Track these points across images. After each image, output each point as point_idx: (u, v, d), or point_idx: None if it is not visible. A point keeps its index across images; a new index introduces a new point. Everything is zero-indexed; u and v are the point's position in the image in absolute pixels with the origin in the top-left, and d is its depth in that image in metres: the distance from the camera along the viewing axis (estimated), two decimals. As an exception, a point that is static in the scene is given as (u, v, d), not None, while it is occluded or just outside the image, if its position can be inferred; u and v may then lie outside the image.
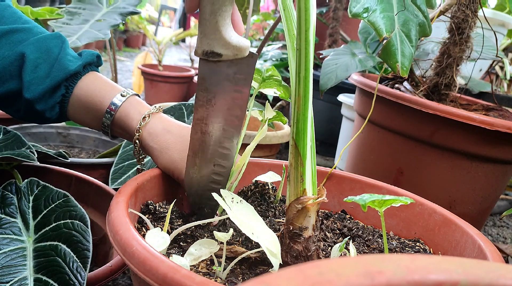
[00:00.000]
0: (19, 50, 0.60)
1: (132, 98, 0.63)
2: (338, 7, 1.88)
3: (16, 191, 0.66)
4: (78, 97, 0.62)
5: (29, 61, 0.60)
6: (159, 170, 0.61)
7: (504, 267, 0.19)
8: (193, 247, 0.46)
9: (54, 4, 2.81)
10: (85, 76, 0.63)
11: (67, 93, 0.62)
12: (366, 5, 0.74)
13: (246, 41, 0.51)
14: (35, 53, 0.60)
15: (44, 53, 0.61)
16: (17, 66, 0.60)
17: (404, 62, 0.72)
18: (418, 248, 0.59)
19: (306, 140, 0.45)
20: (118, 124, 0.62)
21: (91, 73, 0.64)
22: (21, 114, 0.63)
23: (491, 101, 1.17)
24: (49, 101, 0.61)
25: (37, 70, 0.60)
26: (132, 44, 5.82)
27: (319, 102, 1.77)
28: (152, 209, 0.56)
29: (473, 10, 0.92)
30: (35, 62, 0.60)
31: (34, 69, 0.60)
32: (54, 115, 0.63)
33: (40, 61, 0.60)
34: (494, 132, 0.85)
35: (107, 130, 0.63)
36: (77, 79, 0.62)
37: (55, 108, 0.62)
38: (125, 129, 0.62)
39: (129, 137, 0.63)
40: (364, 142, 1.07)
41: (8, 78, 0.60)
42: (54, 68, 0.60)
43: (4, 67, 0.60)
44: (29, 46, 0.60)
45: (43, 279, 0.54)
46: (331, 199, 0.69)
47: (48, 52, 0.61)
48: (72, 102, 0.62)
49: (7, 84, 0.60)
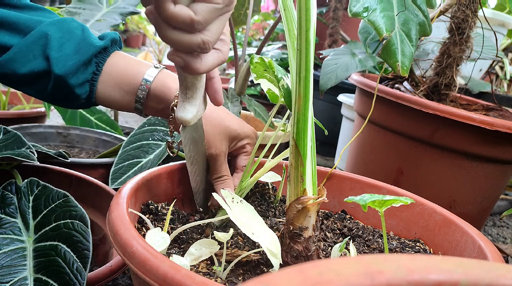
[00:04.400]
0: (41, 29, 0.59)
1: (164, 70, 0.63)
2: (338, 7, 1.88)
3: (16, 191, 0.66)
4: (108, 74, 0.61)
5: (54, 39, 0.59)
6: (159, 170, 0.61)
7: (504, 267, 0.19)
8: (193, 247, 0.46)
9: (54, 4, 2.82)
10: (113, 54, 0.63)
11: (98, 70, 0.61)
12: (366, 4, 0.74)
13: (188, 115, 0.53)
14: (58, 33, 0.59)
15: (67, 33, 0.60)
16: (41, 45, 0.59)
17: (405, 61, 0.72)
18: (418, 248, 0.59)
19: (306, 140, 0.45)
20: (154, 95, 0.61)
21: (117, 52, 0.64)
22: (47, 93, 0.62)
23: (491, 101, 1.17)
24: (80, 77, 0.60)
25: (63, 48, 0.59)
26: (132, 44, 5.82)
27: (319, 102, 1.77)
28: (153, 209, 0.56)
29: (473, 10, 0.92)
30: (60, 40, 0.59)
31: (60, 47, 0.59)
32: (83, 93, 0.61)
33: (64, 40, 0.59)
34: (494, 132, 0.85)
35: (140, 105, 0.62)
36: (106, 56, 0.62)
37: (85, 86, 0.61)
38: (161, 99, 0.61)
39: (164, 108, 0.62)
40: (364, 142, 1.07)
41: (31, 58, 0.59)
42: (81, 45, 0.60)
43: (27, 46, 0.59)
44: (51, 26, 0.60)
45: (43, 279, 0.54)
46: (331, 199, 0.69)
47: (71, 32, 0.60)
48: (102, 80, 0.61)
49: (31, 63, 0.59)
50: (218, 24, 0.44)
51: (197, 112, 0.53)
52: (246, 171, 0.60)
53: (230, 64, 3.13)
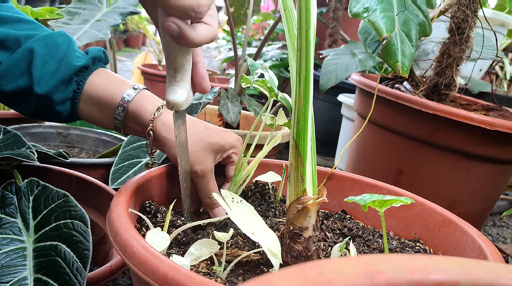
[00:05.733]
0: (28, 46, 0.60)
1: (144, 91, 0.63)
2: (338, 7, 1.88)
3: (16, 191, 0.66)
4: (89, 93, 0.62)
5: (38, 56, 0.59)
6: (159, 170, 0.61)
7: (504, 267, 0.19)
8: (193, 247, 0.46)
9: (54, 4, 2.82)
10: (96, 72, 0.63)
11: (78, 89, 0.61)
12: (366, 5, 0.74)
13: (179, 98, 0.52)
14: (44, 49, 0.60)
15: (52, 49, 0.60)
16: (26, 62, 0.60)
17: (405, 61, 0.72)
18: (418, 248, 0.59)
19: (306, 140, 0.45)
20: (131, 117, 0.62)
21: (100, 69, 0.64)
22: (32, 110, 0.62)
23: (491, 101, 1.17)
24: (60, 96, 0.60)
25: (46, 66, 0.60)
26: (132, 44, 5.82)
27: (319, 102, 1.77)
28: (153, 209, 0.56)
29: (473, 10, 0.92)
30: (43, 58, 0.60)
31: (43, 65, 0.59)
32: (65, 111, 0.62)
33: (48, 57, 0.60)
34: (494, 132, 0.85)
35: (119, 126, 0.62)
36: (87, 74, 0.62)
37: (66, 104, 0.62)
38: (138, 121, 0.62)
39: (142, 130, 0.62)
40: (364, 142, 1.07)
41: (18, 75, 0.60)
42: (63, 63, 0.60)
43: (14, 63, 0.59)
44: (37, 42, 0.60)
45: (43, 279, 0.54)
46: (331, 199, 0.69)
47: (56, 48, 0.61)
48: (83, 98, 0.62)
49: (17, 80, 0.60)
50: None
51: (188, 96, 0.51)
52: (237, 166, 0.60)
53: (230, 64, 3.14)
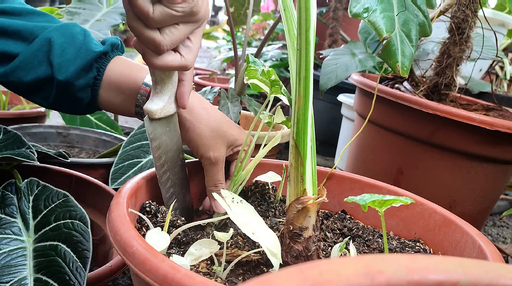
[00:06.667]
0: (45, 36, 0.60)
1: None
2: (338, 7, 1.88)
3: (16, 191, 0.66)
4: (109, 79, 0.62)
5: (56, 45, 0.60)
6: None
7: (504, 267, 0.19)
8: (193, 247, 0.46)
9: (54, 4, 2.82)
10: (114, 59, 0.63)
11: (99, 75, 0.61)
12: (366, 5, 0.74)
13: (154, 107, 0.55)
14: (61, 38, 0.60)
15: (69, 38, 0.61)
16: (44, 52, 0.60)
17: (405, 62, 0.72)
18: (418, 248, 0.59)
19: (306, 140, 0.45)
20: None
21: (118, 57, 0.64)
22: (51, 101, 0.63)
23: (491, 101, 1.17)
24: (81, 82, 0.60)
25: (64, 54, 0.60)
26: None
27: (319, 102, 1.77)
28: (153, 209, 0.56)
29: (473, 10, 0.92)
30: (62, 46, 0.60)
31: (62, 53, 0.60)
32: (86, 98, 0.62)
33: (66, 45, 0.60)
34: (494, 132, 0.85)
35: (140, 110, 0.62)
36: (107, 61, 0.62)
37: (87, 90, 0.62)
38: None
39: None
40: (364, 142, 1.07)
41: (36, 65, 0.60)
42: (82, 50, 0.60)
43: (32, 53, 0.60)
44: (54, 31, 0.61)
45: (43, 279, 0.54)
46: (331, 199, 0.69)
47: (73, 37, 0.61)
48: (103, 85, 0.62)
49: (36, 70, 0.60)
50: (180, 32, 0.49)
51: (164, 107, 0.55)
52: (237, 165, 0.61)
53: (230, 64, 3.13)
